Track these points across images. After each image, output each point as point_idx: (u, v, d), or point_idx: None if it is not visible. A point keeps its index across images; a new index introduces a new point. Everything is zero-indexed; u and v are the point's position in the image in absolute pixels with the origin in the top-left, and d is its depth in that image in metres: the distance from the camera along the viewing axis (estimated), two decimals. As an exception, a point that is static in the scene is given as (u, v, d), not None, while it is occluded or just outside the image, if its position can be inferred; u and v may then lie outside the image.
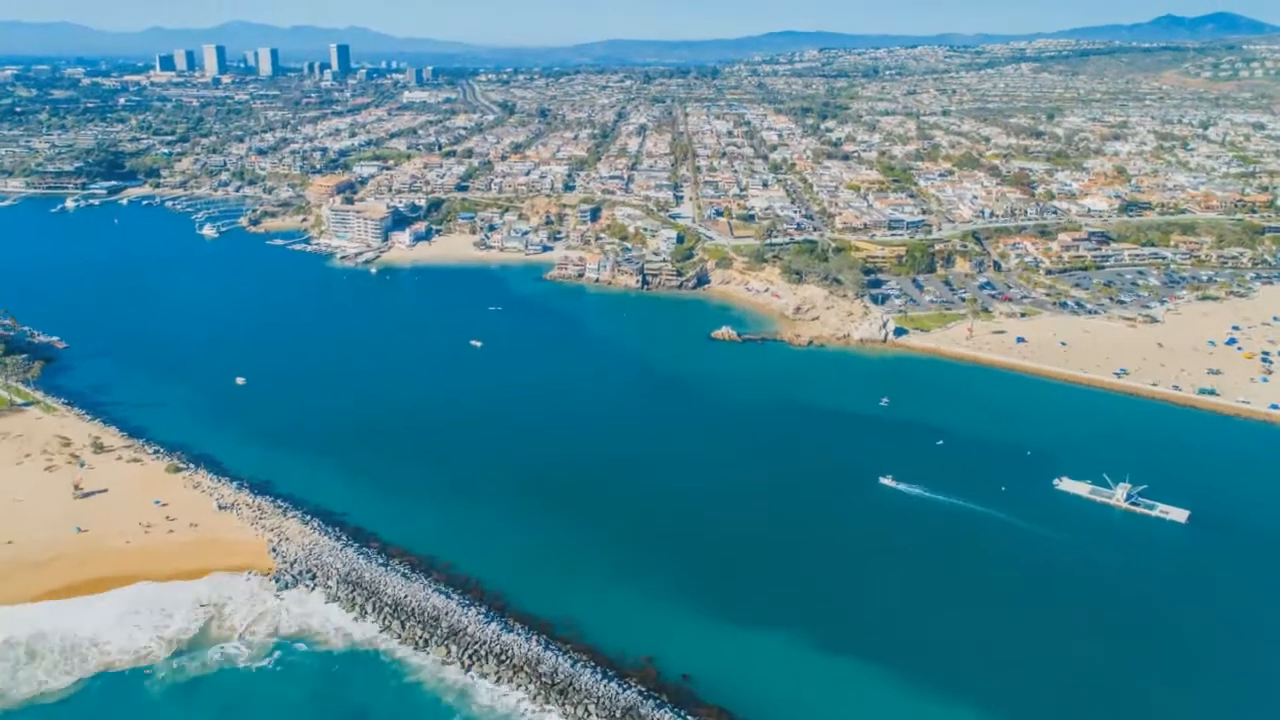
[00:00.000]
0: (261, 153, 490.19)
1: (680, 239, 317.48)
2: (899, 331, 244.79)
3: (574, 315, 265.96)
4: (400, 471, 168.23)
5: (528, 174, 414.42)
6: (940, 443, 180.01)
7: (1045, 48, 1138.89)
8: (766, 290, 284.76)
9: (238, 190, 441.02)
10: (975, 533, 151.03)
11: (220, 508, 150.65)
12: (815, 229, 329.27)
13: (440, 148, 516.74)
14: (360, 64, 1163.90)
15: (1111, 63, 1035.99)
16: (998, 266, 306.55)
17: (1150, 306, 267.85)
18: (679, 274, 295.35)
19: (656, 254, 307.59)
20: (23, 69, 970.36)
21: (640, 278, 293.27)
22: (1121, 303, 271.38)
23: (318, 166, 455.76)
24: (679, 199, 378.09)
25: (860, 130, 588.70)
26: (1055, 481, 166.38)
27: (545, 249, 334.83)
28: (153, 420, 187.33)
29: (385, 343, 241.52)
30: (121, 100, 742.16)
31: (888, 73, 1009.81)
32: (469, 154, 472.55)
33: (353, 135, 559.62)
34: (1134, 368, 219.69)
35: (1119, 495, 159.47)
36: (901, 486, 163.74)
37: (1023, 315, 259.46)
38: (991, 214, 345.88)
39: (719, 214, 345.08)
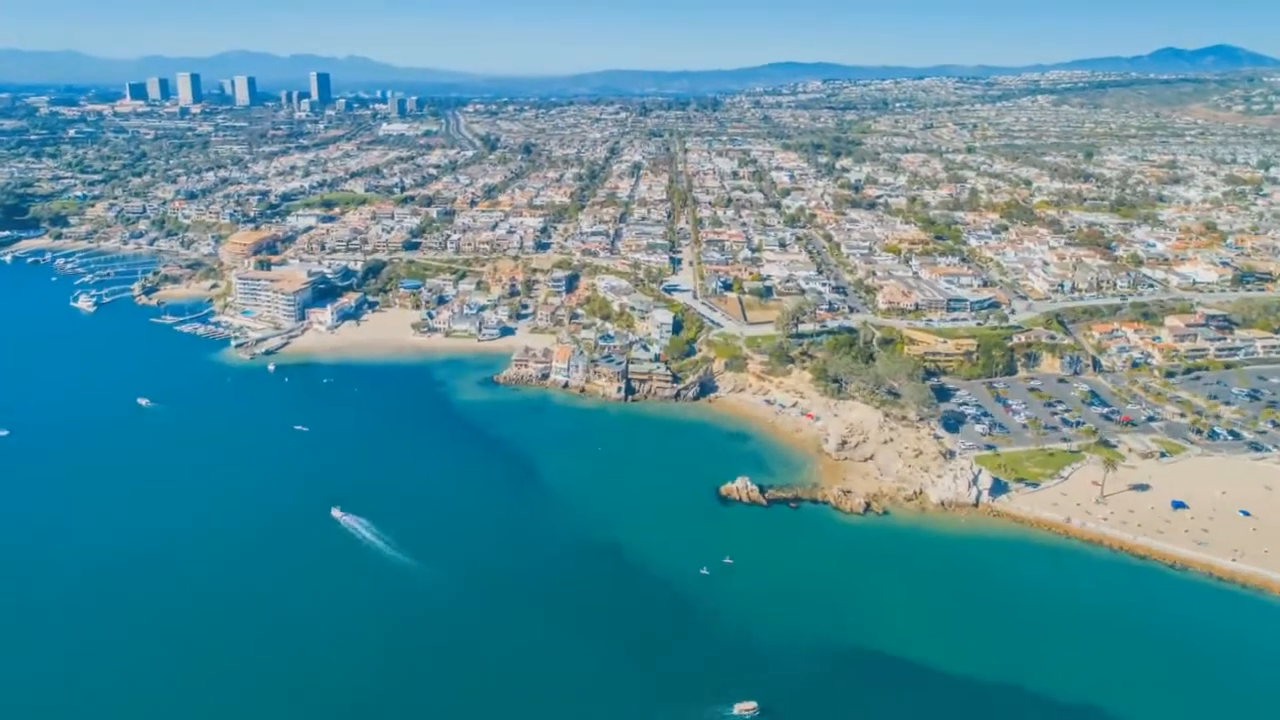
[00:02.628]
0: (191, 196, 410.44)
1: (678, 325, 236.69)
2: (996, 487, 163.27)
3: (524, 449, 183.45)
4: None
5: (494, 228, 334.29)
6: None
7: (1060, 79, 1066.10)
8: (794, 405, 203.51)
9: (152, 243, 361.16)
10: None
11: None
12: (851, 309, 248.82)
13: (403, 189, 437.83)
14: (343, 93, 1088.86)
15: (1130, 95, 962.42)
16: (1097, 365, 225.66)
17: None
18: (675, 378, 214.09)
19: (646, 348, 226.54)
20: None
21: (623, 384, 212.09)
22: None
23: (251, 214, 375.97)
24: (676, 263, 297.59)
25: (881, 170, 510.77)
26: None
27: (505, 332, 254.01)
28: None
29: (201, 529, 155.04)
30: (71, 132, 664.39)
31: (897, 105, 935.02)
32: (429, 201, 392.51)
33: (306, 175, 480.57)
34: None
35: None
36: None
37: (1163, 454, 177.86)
38: (1072, 287, 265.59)
39: (727, 286, 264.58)
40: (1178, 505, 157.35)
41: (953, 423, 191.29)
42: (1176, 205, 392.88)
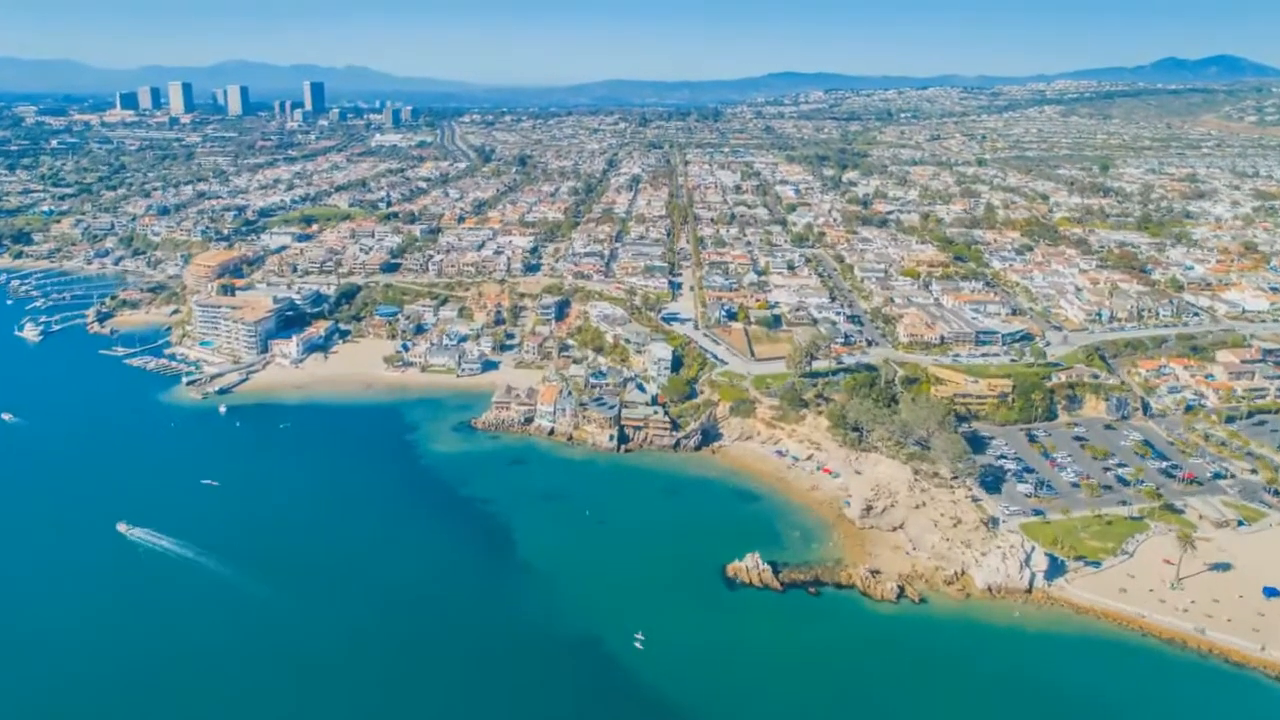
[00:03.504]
0: (164, 212, 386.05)
1: (677, 361, 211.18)
2: (1052, 567, 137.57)
3: (498, 512, 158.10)
4: None
5: (480, 248, 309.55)
6: None
7: (1066, 89, 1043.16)
8: (809, 458, 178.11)
9: (118, 263, 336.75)
10: None
11: None
12: (869, 343, 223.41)
13: (389, 204, 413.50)
14: (340, 103, 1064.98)
15: (1139, 105, 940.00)
16: (1146, 408, 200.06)
17: None
18: (674, 424, 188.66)
19: (642, 388, 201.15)
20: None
21: (616, 430, 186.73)
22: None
23: (225, 232, 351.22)
24: (676, 287, 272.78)
25: (890, 184, 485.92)
26: None
27: (488, 366, 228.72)
28: None
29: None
30: (53, 142, 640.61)
31: (902, 115, 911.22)
32: (413, 218, 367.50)
33: (290, 188, 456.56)
34: None
35: None
36: None
37: (1241, 523, 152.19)
38: (1111, 317, 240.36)
39: (731, 316, 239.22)
40: (1271, 593, 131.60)
41: (992, 481, 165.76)
42: (1209, 224, 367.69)
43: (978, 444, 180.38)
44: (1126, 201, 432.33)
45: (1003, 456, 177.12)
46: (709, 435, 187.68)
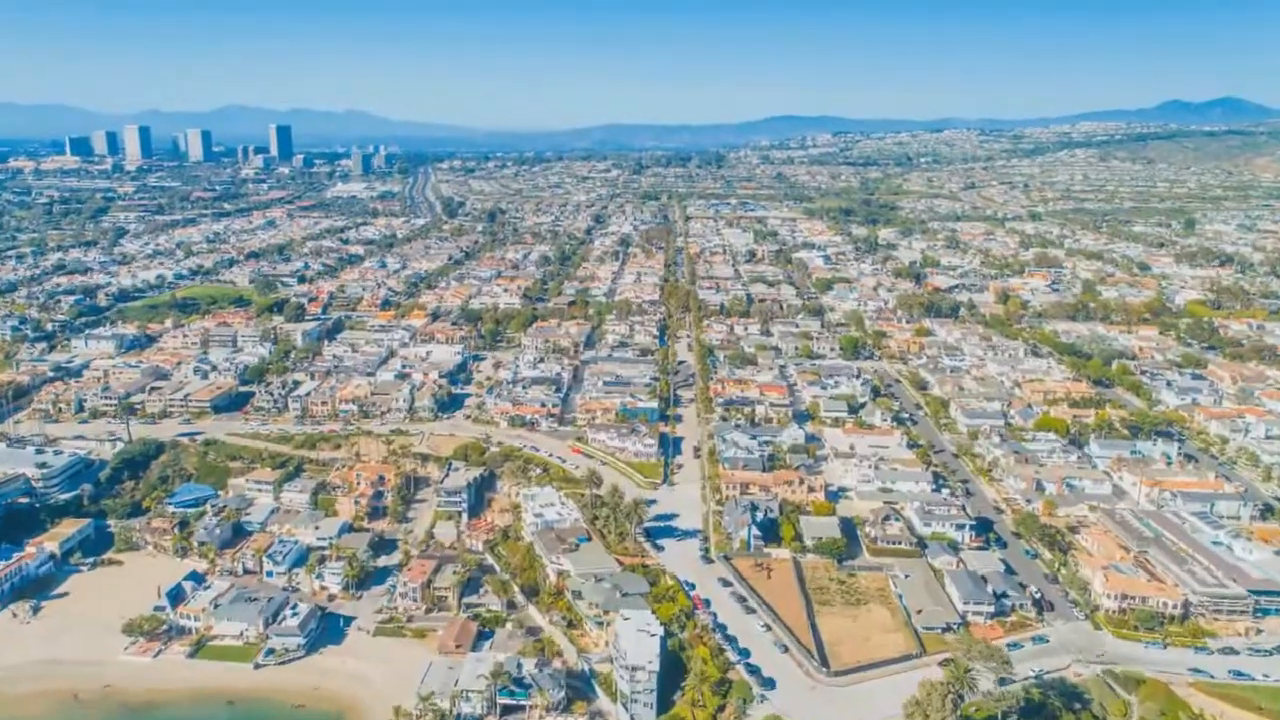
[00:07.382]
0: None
1: (671, 663, 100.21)
2: None
3: None
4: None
5: (383, 363, 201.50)
6: None
7: (1094, 132, 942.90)
8: None
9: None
10: None
11: None
12: (1038, 604, 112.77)
13: (302, 279, 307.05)
14: (331, 146, 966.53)
15: (1176, 149, 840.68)
16: None
17: None
18: None
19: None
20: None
21: None
22: None
23: (49, 327, 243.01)
24: (671, 448, 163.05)
25: (939, 247, 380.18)
26: None
27: (327, 635, 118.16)
28: None
29: None
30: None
31: (921, 160, 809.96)
32: (301, 313, 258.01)
33: (189, 255, 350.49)
34: None
35: None
36: None
37: None
38: None
39: (769, 531, 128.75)
40: None
41: None
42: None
43: None
44: (1251, 271, 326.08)
45: None
46: None
